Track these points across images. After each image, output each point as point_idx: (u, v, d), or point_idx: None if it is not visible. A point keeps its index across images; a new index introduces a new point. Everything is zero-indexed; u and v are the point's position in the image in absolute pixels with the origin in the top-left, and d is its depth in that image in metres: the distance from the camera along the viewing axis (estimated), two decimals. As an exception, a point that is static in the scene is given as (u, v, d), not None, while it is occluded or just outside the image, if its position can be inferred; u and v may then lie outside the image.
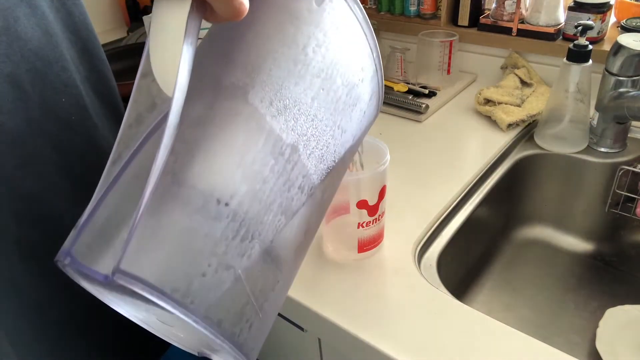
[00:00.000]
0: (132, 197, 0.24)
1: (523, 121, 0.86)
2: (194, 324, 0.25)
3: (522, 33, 0.94)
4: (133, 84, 0.27)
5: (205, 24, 0.29)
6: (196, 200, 0.26)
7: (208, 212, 0.26)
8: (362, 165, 0.54)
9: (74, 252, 0.24)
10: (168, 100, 0.24)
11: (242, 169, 0.27)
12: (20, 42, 0.41)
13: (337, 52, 0.34)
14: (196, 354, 0.35)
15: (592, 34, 0.85)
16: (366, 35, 0.36)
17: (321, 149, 0.32)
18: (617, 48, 0.73)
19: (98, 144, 0.50)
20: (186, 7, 0.26)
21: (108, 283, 0.23)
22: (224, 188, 0.27)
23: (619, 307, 0.73)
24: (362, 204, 0.54)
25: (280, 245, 0.30)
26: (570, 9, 0.88)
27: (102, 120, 0.52)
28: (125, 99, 0.29)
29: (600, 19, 0.86)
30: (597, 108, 0.79)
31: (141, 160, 0.27)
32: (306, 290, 0.57)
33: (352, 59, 0.35)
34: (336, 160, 0.35)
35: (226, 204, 0.27)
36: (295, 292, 0.57)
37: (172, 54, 0.25)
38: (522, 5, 0.93)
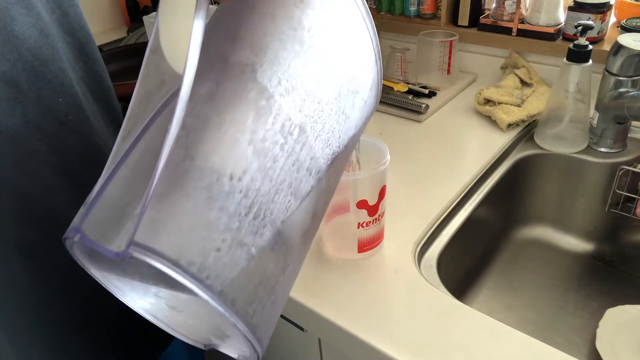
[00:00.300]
0: (143, 172, 0.24)
1: (523, 121, 0.86)
2: (210, 300, 0.24)
3: (522, 33, 0.95)
4: (133, 84, 0.27)
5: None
6: (209, 174, 0.26)
7: (221, 187, 0.26)
8: (359, 163, 0.54)
9: (84, 229, 0.24)
10: (177, 77, 0.23)
11: (253, 145, 0.27)
12: (17, 41, 0.42)
13: (341, 38, 0.34)
14: (202, 347, 0.34)
15: (592, 34, 0.85)
16: (366, 24, 0.36)
17: (327, 133, 0.32)
18: (617, 48, 0.73)
19: (95, 143, 0.50)
20: None
21: (121, 258, 0.22)
22: (237, 163, 0.26)
23: (619, 307, 0.73)
24: (362, 204, 0.54)
25: (290, 227, 0.30)
26: (570, 9, 0.88)
27: (98, 120, 0.52)
28: (125, 99, 0.29)
29: (600, 19, 0.86)
30: (597, 108, 0.79)
31: (151, 136, 0.26)
32: (306, 290, 0.56)
33: (354, 46, 0.36)
34: (340, 147, 0.35)
35: (239, 179, 0.26)
36: (295, 292, 0.56)
37: (181, 30, 0.24)
38: (522, 5, 0.93)
